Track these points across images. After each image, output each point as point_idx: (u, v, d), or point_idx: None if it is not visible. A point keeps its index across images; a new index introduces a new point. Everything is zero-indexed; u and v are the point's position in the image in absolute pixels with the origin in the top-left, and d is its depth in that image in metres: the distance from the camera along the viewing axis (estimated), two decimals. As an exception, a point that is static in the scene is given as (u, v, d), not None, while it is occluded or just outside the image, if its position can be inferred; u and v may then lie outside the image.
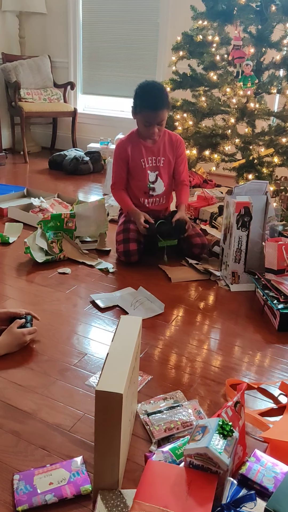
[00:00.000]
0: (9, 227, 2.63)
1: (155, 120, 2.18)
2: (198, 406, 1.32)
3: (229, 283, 2.09)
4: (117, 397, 0.93)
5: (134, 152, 2.31)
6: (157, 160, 2.33)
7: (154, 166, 2.33)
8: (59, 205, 2.90)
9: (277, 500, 0.90)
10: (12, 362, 1.50)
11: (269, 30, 2.80)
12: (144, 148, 2.31)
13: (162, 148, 2.33)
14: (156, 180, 2.35)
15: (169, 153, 2.35)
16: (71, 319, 1.79)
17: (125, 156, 2.32)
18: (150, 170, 2.33)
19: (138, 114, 2.23)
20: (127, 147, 2.31)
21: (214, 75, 2.94)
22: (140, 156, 2.31)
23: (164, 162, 2.34)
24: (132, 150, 2.31)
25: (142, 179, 2.34)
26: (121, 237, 2.26)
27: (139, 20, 4.19)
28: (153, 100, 2.15)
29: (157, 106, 2.15)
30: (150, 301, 1.92)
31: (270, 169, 2.73)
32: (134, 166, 2.32)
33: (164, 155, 2.34)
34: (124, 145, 2.32)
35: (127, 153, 2.31)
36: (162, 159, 2.34)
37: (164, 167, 2.35)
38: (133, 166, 2.32)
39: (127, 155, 2.31)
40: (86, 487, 1.06)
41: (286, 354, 1.65)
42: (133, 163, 2.32)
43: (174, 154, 2.36)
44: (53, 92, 4.43)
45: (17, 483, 1.06)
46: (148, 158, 2.32)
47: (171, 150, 2.35)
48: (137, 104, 2.21)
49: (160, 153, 2.33)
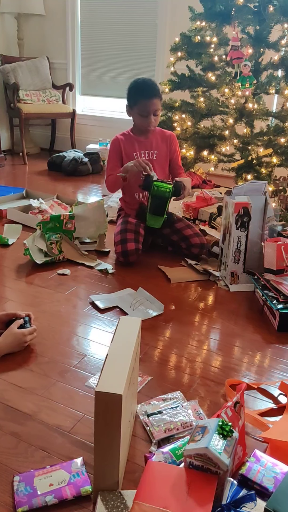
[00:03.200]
0: (8, 229, 2.63)
1: (150, 108, 2.25)
2: (198, 407, 1.32)
3: (229, 283, 2.09)
4: (116, 398, 0.93)
5: (127, 146, 2.36)
6: (150, 154, 2.38)
7: (148, 160, 2.35)
8: (58, 206, 2.90)
9: (277, 500, 0.90)
10: (12, 363, 1.50)
11: (267, 31, 2.81)
12: (137, 143, 2.37)
13: (154, 142, 2.39)
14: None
15: (162, 147, 2.40)
16: (71, 320, 1.79)
17: (118, 150, 2.37)
18: None
19: (134, 107, 2.29)
20: (120, 143, 2.37)
21: (212, 75, 2.94)
22: (133, 150, 2.36)
23: (157, 155, 2.39)
24: (125, 144, 2.36)
25: (135, 172, 2.33)
26: (119, 238, 2.26)
27: (137, 21, 4.19)
28: (147, 89, 2.25)
29: (151, 94, 2.24)
30: (150, 301, 1.93)
31: (269, 169, 2.73)
32: (127, 159, 2.34)
33: (157, 148, 2.39)
34: (118, 140, 2.39)
35: (120, 147, 2.36)
36: (155, 153, 2.39)
37: (157, 161, 2.39)
38: (127, 160, 2.34)
39: (120, 149, 2.37)
40: (86, 488, 1.06)
41: (286, 354, 1.65)
42: (126, 157, 2.36)
43: (167, 148, 2.41)
44: (52, 93, 4.44)
45: (17, 485, 1.06)
46: (141, 152, 2.37)
47: (164, 144, 2.41)
48: (132, 97, 2.29)
49: (152, 147, 2.38)
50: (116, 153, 2.38)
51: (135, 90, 2.27)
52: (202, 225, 2.73)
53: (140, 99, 2.25)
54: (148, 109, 2.25)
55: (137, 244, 2.25)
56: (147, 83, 2.27)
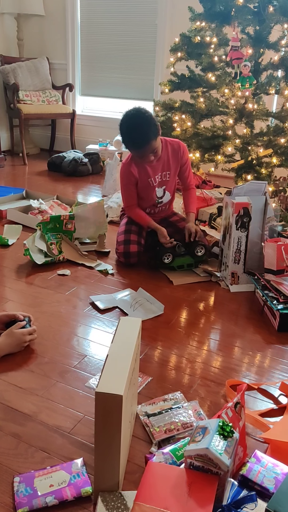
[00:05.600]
0: (8, 229, 2.63)
1: (145, 153, 2.14)
2: (198, 407, 1.32)
3: (229, 283, 2.09)
4: (117, 398, 0.93)
5: (141, 173, 2.25)
6: (164, 175, 2.30)
7: (161, 182, 2.31)
8: (58, 207, 2.90)
9: (278, 500, 0.90)
10: (12, 364, 1.50)
11: (267, 31, 2.80)
12: (149, 167, 2.26)
13: (166, 161, 2.29)
14: (164, 194, 2.35)
15: (173, 164, 2.31)
16: (71, 320, 1.79)
17: (133, 179, 2.26)
18: (158, 186, 2.31)
19: (127, 149, 2.21)
20: (132, 169, 2.25)
21: (212, 76, 2.94)
22: (147, 176, 2.26)
23: (170, 175, 2.32)
24: (138, 171, 2.25)
25: (150, 196, 2.32)
26: (122, 238, 2.26)
27: (137, 22, 4.19)
28: (137, 138, 2.11)
29: (142, 144, 2.10)
30: (150, 302, 1.92)
31: (269, 169, 2.73)
32: (143, 186, 2.28)
33: (169, 168, 2.30)
34: (129, 168, 2.25)
35: (134, 175, 2.25)
36: (168, 174, 2.31)
37: (170, 180, 2.33)
38: (142, 187, 2.28)
39: (134, 177, 2.26)
40: (86, 489, 1.06)
41: (286, 354, 1.65)
42: (142, 184, 2.27)
43: (178, 162, 2.32)
44: (52, 94, 4.44)
45: (18, 486, 1.06)
46: (155, 177, 2.28)
47: (175, 159, 2.31)
48: (123, 141, 2.18)
49: (165, 168, 2.29)
50: (130, 182, 2.27)
51: (126, 138, 2.15)
52: (202, 226, 2.73)
53: (132, 149, 2.17)
54: (141, 155, 2.16)
55: (139, 247, 2.25)
56: (137, 131, 2.09)
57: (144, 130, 2.08)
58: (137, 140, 2.11)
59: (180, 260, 2.22)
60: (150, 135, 2.09)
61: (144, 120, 2.10)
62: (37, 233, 2.29)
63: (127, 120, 2.13)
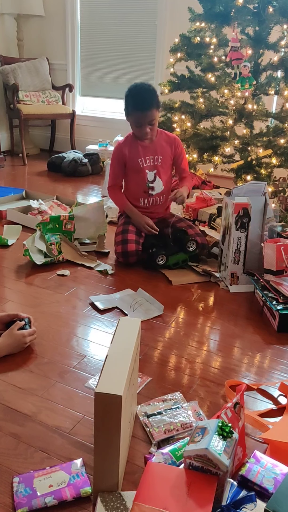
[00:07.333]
0: (8, 230, 2.63)
1: (145, 120, 2.23)
2: (198, 408, 1.32)
3: (228, 284, 2.09)
4: (116, 399, 0.93)
5: (131, 153, 2.33)
6: (155, 159, 2.35)
7: (152, 165, 2.34)
8: (58, 207, 2.90)
9: (277, 501, 0.90)
10: (11, 364, 1.50)
11: (267, 32, 2.81)
12: (142, 148, 2.33)
13: (159, 146, 2.36)
14: (155, 179, 2.36)
15: (166, 151, 2.37)
16: (71, 321, 1.79)
17: (122, 158, 2.34)
18: (148, 169, 2.34)
19: (129, 115, 2.28)
20: (124, 149, 2.33)
21: (212, 76, 2.94)
22: (137, 156, 2.33)
23: (162, 160, 2.36)
24: (129, 151, 2.33)
25: (140, 178, 2.35)
26: (119, 238, 2.27)
27: (137, 22, 4.19)
28: (142, 101, 2.21)
29: (145, 107, 2.20)
30: (149, 302, 1.93)
31: (268, 170, 2.73)
32: (132, 166, 2.33)
33: (162, 153, 2.36)
34: (120, 147, 2.35)
35: (124, 154, 2.33)
36: (160, 158, 2.36)
37: (162, 166, 2.37)
38: (131, 166, 2.33)
39: (124, 157, 2.33)
40: (86, 489, 1.06)
41: (286, 355, 1.65)
42: (131, 163, 2.33)
43: (172, 152, 2.39)
44: (52, 94, 4.44)
45: (17, 486, 1.06)
46: (145, 158, 2.34)
47: (169, 148, 2.38)
48: (127, 106, 2.27)
49: (157, 152, 2.35)
50: (119, 161, 2.35)
51: (130, 101, 2.24)
52: (202, 226, 2.73)
53: (134, 111, 2.23)
54: (141, 121, 2.23)
55: (137, 246, 2.25)
56: (142, 95, 2.21)
57: (151, 95, 2.23)
58: (144, 101, 2.21)
59: (174, 257, 2.23)
60: (155, 102, 2.23)
61: (150, 88, 2.26)
62: (37, 234, 2.29)
63: (135, 86, 2.26)
